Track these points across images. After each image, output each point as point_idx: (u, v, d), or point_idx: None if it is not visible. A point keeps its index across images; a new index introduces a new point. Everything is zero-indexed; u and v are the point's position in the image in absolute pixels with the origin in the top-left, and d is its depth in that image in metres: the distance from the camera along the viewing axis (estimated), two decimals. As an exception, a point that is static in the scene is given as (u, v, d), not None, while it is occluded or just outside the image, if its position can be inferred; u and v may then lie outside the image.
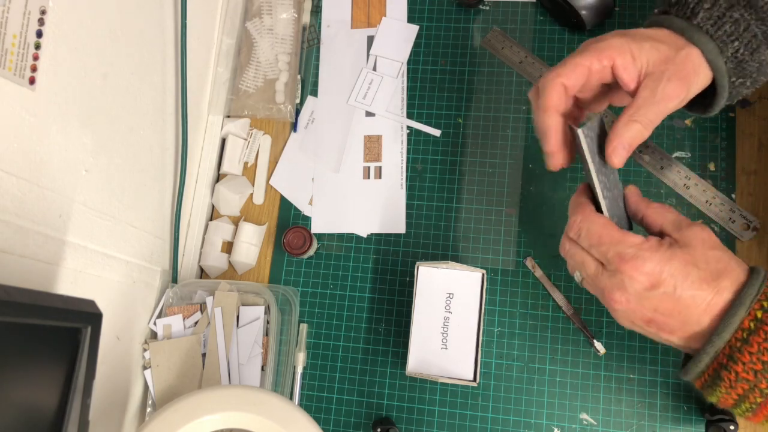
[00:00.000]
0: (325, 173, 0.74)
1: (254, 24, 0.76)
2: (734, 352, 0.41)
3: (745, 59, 0.46)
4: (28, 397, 0.39)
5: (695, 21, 0.45)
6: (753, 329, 0.40)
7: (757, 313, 0.40)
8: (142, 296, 0.65)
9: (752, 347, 0.40)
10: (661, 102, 0.44)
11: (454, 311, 0.58)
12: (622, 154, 0.45)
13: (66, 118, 0.51)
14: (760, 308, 0.40)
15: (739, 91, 0.48)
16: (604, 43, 0.45)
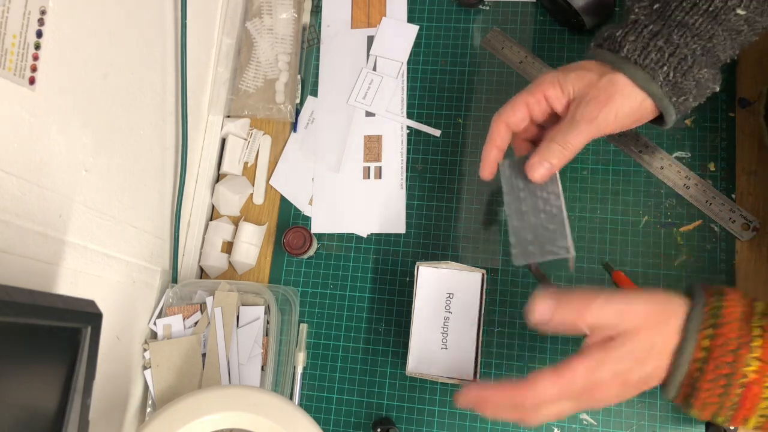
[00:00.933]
0: (325, 173, 0.74)
1: (254, 24, 0.76)
2: (695, 382, 0.44)
3: (677, 80, 0.49)
4: (28, 397, 0.39)
5: (622, 53, 0.49)
6: (705, 358, 0.43)
7: (703, 343, 0.43)
8: (142, 296, 0.65)
9: (708, 375, 0.43)
10: (581, 123, 0.49)
11: (454, 311, 0.58)
12: (539, 170, 0.51)
13: (66, 118, 0.51)
14: (705, 337, 0.43)
15: (686, 105, 0.52)
16: (538, 80, 0.53)
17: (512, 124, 0.53)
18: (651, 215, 0.66)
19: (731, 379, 0.42)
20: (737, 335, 0.43)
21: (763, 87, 0.65)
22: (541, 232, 0.52)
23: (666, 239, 0.65)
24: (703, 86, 0.51)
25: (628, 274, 0.64)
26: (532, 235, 0.52)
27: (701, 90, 0.51)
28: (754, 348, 0.42)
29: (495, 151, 0.54)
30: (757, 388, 0.42)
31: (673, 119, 0.52)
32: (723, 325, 0.43)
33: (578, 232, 0.67)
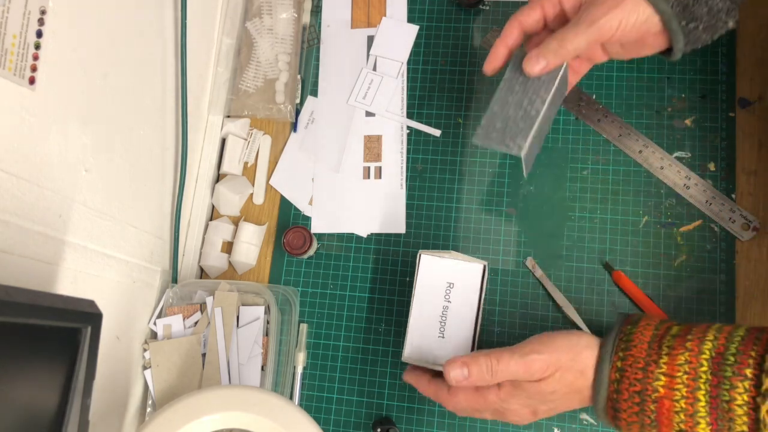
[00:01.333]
0: (325, 173, 0.74)
1: (254, 24, 0.76)
2: (615, 404, 0.46)
3: (689, 3, 0.48)
4: (28, 397, 0.39)
5: None
6: (619, 379, 0.46)
7: (617, 364, 0.46)
8: (142, 296, 0.65)
9: (624, 395, 0.46)
10: (582, 24, 0.50)
11: (453, 301, 0.58)
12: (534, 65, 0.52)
13: (66, 118, 0.51)
14: (618, 359, 0.46)
15: (696, 35, 0.50)
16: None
17: (526, 24, 0.54)
18: (651, 215, 0.66)
19: (644, 395, 0.45)
20: (645, 354, 0.46)
21: (763, 87, 0.66)
22: (510, 125, 0.55)
23: (666, 239, 0.65)
24: (714, 15, 0.49)
25: (628, 274, 0.64)
26: (501, 125, 0.55)
27: (712, 19, 0.50)
28: (661, 364, 0.45)
29: (503, 49, 0.55)
30: (668, 402, 0.44)
31: (680, 47, 0.51)
32: (633, 347, 0.46)
33: (578, 232, 0.67)
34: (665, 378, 0.44)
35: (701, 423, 0.43)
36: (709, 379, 0.43)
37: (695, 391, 0.43)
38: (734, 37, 0.68)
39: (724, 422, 0.42)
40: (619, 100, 0.69)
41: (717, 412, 0.42)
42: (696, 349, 0.44)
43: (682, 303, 0.63)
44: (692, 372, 0.44)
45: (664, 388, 0.44)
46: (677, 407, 0.44)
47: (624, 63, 0.68)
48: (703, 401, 0.43)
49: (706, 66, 0.68)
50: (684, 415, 0.43)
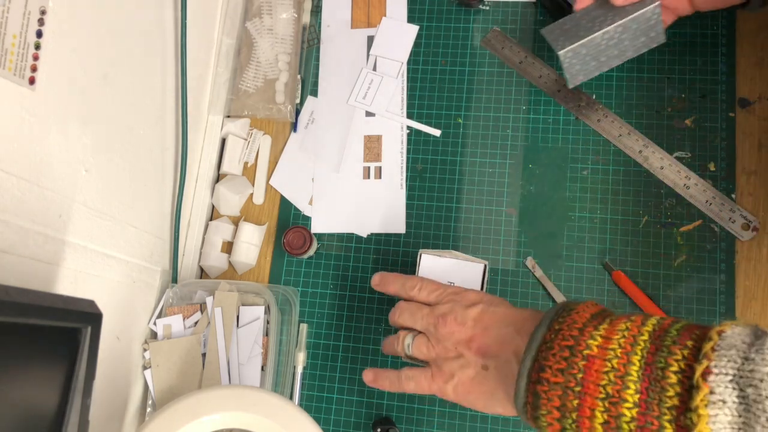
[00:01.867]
0: (325, 173, 0.74)
1: (254, 24, 0.76)
2: (541, 362, 0.42)
3: None
4: (28, 397, 0.39)
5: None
6: (553, 337, 0.43)
7: (554, 326, 0.43)
8: (142, 296, 0.65)
9: (554, 349, 0.42)
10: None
11: None
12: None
13: (66, 118, 0.51)
14: (557, 322, 0.43)
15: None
16: None
17: None
18: (651, 215, 0.66)
19: (574, 351, 0.41)
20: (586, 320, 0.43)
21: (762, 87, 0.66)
22: (572, 30, 0.59)
23: (666, 239, 0.65)
24: None
25: (628, 274, 0.64)
26: (569, 26, 0.59)
27: None
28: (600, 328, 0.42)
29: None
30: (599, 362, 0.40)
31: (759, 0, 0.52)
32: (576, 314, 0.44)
33: (578, 232, 0.67)
34: (601, 339, 0.41)
35: (630, 388, 0.39)
36: (647, 347, 0.40)
37: (630, 354, 0.40)
38: (734, 37, 0.68)
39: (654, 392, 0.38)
40: (619, 100, 0.69)
41: (649, 380, 0.39)
42: (639, 321, 0.42)
43: (682, 303, 0.63)
44: (630, 338, 0.41)
45: (599, 347, 0.41)
46: (607, 366, 0.40)
47: (624, 63, 0.68)
48: (636, 365, 0.39)
49: (706, 66, 0.68)
50: (614, 376, 0.40)
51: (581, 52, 0.59)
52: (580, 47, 0.58)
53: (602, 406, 0.40)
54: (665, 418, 0.38)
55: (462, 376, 0.49)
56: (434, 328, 0.51)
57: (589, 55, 0.59)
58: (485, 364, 0.48)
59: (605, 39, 0.58)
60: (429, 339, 0.52)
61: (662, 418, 0.38)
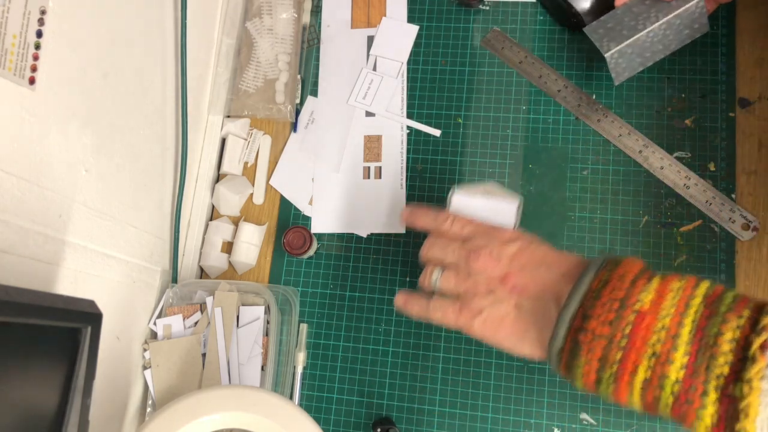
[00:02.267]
0: (325, 173, 0.74)
1: (254, 24, 0.76)
2: (587, 311, 0.41)
3: None
4: (28, 397, 0.39)
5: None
6: (601, 286, 0.41)
7: (602, 275, 0.42)
8: (142, 296, 0.65)
9: (602, 299, 0.40)
10: None
11: None
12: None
13: (66, 118, 0.51)
14: (604, 272, 0.42)
15: None
16: None
17: None
18: (651, 215, 0.66)
19: (625, 303, 0.40)
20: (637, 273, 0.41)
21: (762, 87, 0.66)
22: (616, 29, 0.58)
23: (666, 239, 0.65)
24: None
25: (628, 274, 0.64)
26: (612, 25, 0.59)
27: None
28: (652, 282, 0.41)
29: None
30: (651, 318, 0.39)
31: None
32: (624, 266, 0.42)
33: (578, 232, 0.67)
34: (654, 294, 0.40)
35: (680, 349, 0.38)
36: (700, 310, 0.38)
37: (684, 316, 0.38)
38: (734, 37, 0.68)
39: (703, 357, 0.37)
40: (619, 100, 0.69)
41: (700, 344, 0.37)
42: (692, 282, 0.40)
43: (682, 303, 0.63)
44: (684, 298, 0.39)
45: (651, 303, 0.39)
46: (659, 325, 0.38)
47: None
48: (688, 327, 0.38)
49: (706, 66, 0.68)
50: (665, 334, 0.38)
51: (627, 51, 0.59)
52: (626, 47, 0.58)
53: (647, 364, 0.39)
54: (711, 384, 0.37)
55: (492, 313, 0.47)
56: (465, 261, 0.49)
57: (634, 53, 0.59)
58: (519, 304, 0.46)
59: (650, 37, 0.58)
60: (458, 273, 0.49)
61: (708, 383, 0.37)
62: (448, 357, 0.66)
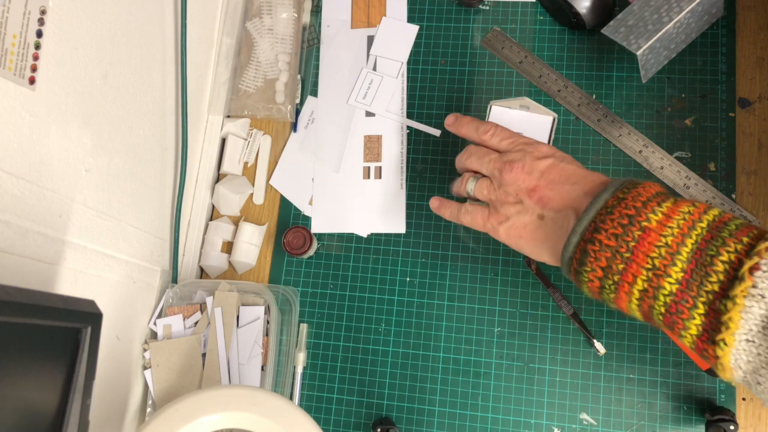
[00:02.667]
0: (325, 173, 0.74)
1: (254, 24, 0.76)
2: (598, 224, 0.45)
3: None
4: (28, 397, 0.39)
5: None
6: (615, 204, 0.45)
7: (618, 194, 0.45)
8: (142, 296, 0.65)
9: (613, 215, 0.44)
10: None
11: None
12: None
13: (66, 118, 0.51)
14: (622, 192, 0.45)
15: None
16: None
17: None
18: (651, 215, 0.66)
19: (633, 220, 0.43)
20: (650, 195, 0.45)
21: (762, 87, 0.66)
22: (640, 25, 0.57)
23: (666, 239, 0.65)
24: None
25: (628, 274, 0.64)
26: (633, 22, 0.57)
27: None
28: (663, 205, 0.44)
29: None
30: (654, 235, 0.42)
31: None
32: (641, 188, 0.45)
33: (578, 232, 0.67)
34: (662, 215, 0.43)
35: (677, 265, 0.41)
36: (702, 233, 0.42)
37: (686, 237, 0.42)
38: (734, 37, 0.68)
39: (698, 275, 0.41)
40: (619, 100, 0.69)
41: (696, 263, 0.41)
42: (702, 209, 0.43)
43: (682, 303, 0.63)
44: (690, 221, 0.42)
45: (657, 222, 0.43)
46: (661, 242, 0.42)
47: (624, 63, 0.68)
48: (689, 248, 0.41)
49: (706, 66, 0.68)
50: (665, 251, 0.42)
51: (656, 46, 0.58)
52: (655, 42, 0.57)
53: (645, 276, 0.42)
54: (701, 299, 0.40)
55: (516, 221, 0.52)
56: (499, 173, 0.53)
57: (662, 46, 0.58)
58: (542, 214, 0.50)
59: (676, 28, 0.57)
60: (492, 182, 0.54)
61: (698, 298, 0.40)
62: (448, 357, 0.66)
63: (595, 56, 0.70)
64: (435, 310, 0.68)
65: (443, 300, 0.68)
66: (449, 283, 0.68)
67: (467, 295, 0.67)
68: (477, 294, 0.67)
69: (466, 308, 0.67)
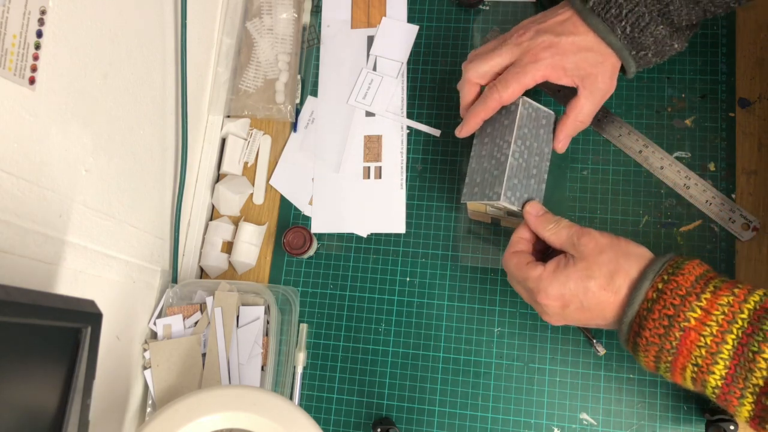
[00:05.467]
0: (325, 173, 0.74)
1: (254, 24, 0.76)
2: (642, 321, 0.47)
3: (635, 36, 0.54)
4: (28, 397, 0.39)
5: (589, 5, 0.54)
6: (655, 299, 0.46)
7: (658, 285, 0.46)
8: (142, 296, 0.65)
9: (654, 314, 0.46)
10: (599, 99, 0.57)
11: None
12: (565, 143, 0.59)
13: (66, 118, 0.51)
14: (661, 280, 0.46)
15: (647, 59, 0.56)
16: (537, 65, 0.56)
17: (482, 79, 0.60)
18: (651, 215, 0.66)
19: (673, 321, 0.45)
20: (690, 285, 0.45)
21: (762, 87, 0.66)
22: (486, 177, 0.57)
23: (666, 239, 0.65)
24: (661, 43, 0.55)
25: (628, 274, 0.64)
26: (480, 178, 0.58)
27: (660, 47, 0.56)
28: (702, 298, 0.45)
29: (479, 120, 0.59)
30: (695, 335, 0.44)
31: (633, 71, 0.57)
32: (680, 275, 0.46)
33: (578, 232, 0.67)
34: (701, 312, 0.44)
35: (720, 364, 0.43)
36: (743, 327, 0.43)
37: (726, 333, 0.43)
38: (734, 37, 0.68)
39: (742, 370, 0.42)
40: (619, 100, 0.69)
41: (739, 359, 0.43)
42: (742, 296, 0.44)
43: (682, 303, 0.63)
44: (730, 315, 0.43)
45: (697, 320, 0.44)
46: (701, 342, 0.44)
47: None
48: (730, 345, 0.43)
49: (706, 66, 0.68)
50: (705, 351, 0.44)
51: (515, 183, 0.56)
52: (512, 180, 0.55)
53: (691, 369, 0.45)
54: (748, 390, 0.43)
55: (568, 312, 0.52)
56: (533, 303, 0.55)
57: (524, 178, 0.56)
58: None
59: (517, 159, 0.56)
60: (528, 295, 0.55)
61: (745, 390, 0.43)
62: (448, 357, 0.66)
63: (595, 56, 0.70)
64: (435, 310, 0.68)
65: (443, 300, 0.68)
66: (449, 283, 0.68)
67: (467, 295, 0.67)
68: (477, 294, 0.67)
69: (466, 308, 0.67)
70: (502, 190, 0.55)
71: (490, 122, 0.60)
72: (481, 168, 0.58)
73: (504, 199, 0.55)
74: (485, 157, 0.58)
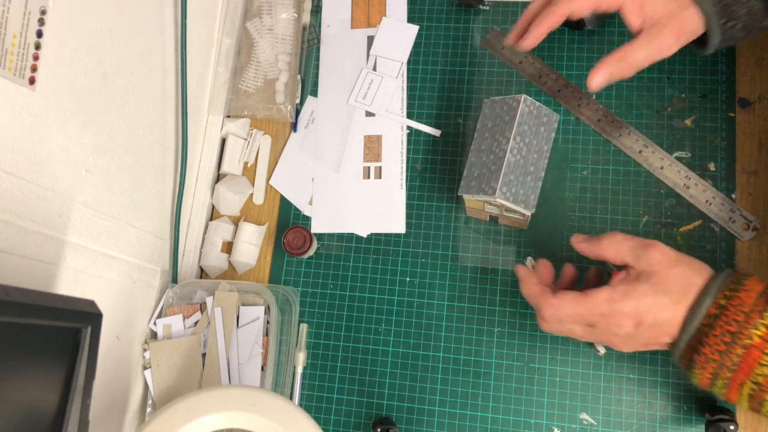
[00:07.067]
0: (325, 173, 0.74)
1: (254, 24, 0.76)
2: (702, 337, 0.46)
3: (728, 2, 0.51)
4: (28, 397, 0.39)
5: None
6: (717, 315, 0.45)
7: (720, 301, 0.46)
8: (142, 296, 0.65)
9: (716, 330, 0.45)
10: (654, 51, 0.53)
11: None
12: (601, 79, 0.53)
13: (66, 118, 0.51)
14: (723, 297, 0.46)
15: (733, 33, 0.53)
16: None
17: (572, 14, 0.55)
18: (651, 215, 0.66)
19: (736, 338, 0.44)
20: (753, 302, 0.45)
21: (762, 87, 0.66)
22: (483, 171, 0.57)
23: (666, 239, 0.65)
24: (754, 16, 0.52)
25: (628, 274, 0.64)
26: (478, 172, 0.58)
27: (750, 20, 0.52)
28: (765, 315, 0.44)
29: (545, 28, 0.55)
30: (758, 353, 0.44)
31: (715, 44, 0.54)
32: (742, 291, 0.46)
33: (578, 232, 0.66)
34: (765, 330, 0.44)
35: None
36: None
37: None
38: (734, 37, 0.68)
39: None
40: (619, 100, 0.69)
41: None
42: None
43: (682, 303, 0.63)
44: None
45: (760, 338, 0.44)
46: (764, 360, 0.44)
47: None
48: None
49: (706, 66, 0.68)
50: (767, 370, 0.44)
51: (511, 179, 0.56)
52: (508, 177, 0.56)
53: (750, 386, 0.45)
54: None
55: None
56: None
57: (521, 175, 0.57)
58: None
59: (516, 155, 0.56)
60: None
61: None
62: (448, 357, 0.66)
63: (595, 56, 0.70)
64: (435, 310, 0.68)
65: (443, 300, 0.68)
66: (449, 283, 0.68)
67: (467, 295, 0.67)
68: (477, 294, 0.67)
69: (466, 308, 0.67)
70: (497, 185, 0.55)
71: (491, 117, 0.60)
72: (479, 162, 0.59)
73: (499, 195, 0.55)
74: (484, 152, 0.59)
